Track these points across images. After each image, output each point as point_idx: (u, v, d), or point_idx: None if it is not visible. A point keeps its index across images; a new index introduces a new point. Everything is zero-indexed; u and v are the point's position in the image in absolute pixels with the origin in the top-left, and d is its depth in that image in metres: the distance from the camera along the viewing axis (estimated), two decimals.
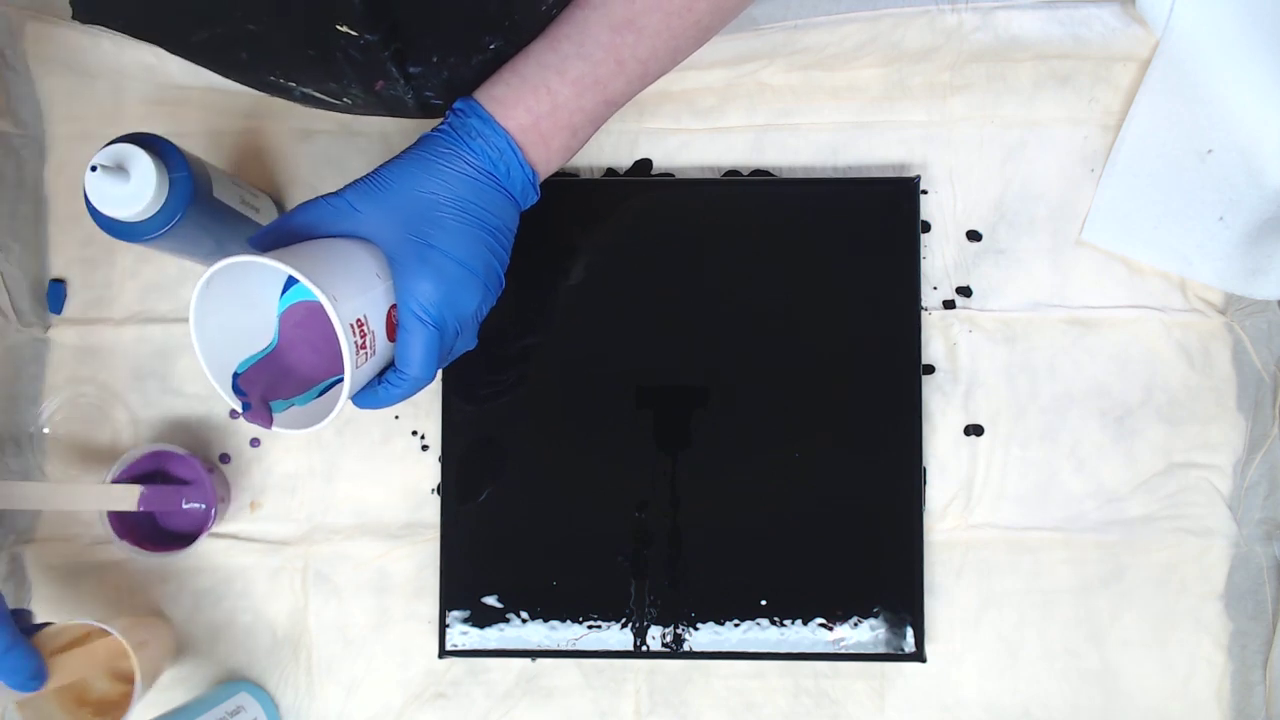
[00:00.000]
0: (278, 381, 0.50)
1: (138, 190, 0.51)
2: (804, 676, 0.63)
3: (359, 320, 0.46)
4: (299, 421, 0.49)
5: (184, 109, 0.65)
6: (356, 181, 0.50)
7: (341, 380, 0.50)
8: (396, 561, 0.64)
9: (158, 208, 0.52)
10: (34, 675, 0.52)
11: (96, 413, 0.64)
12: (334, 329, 0.45)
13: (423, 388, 0.50)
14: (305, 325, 0.50)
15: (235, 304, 0.48)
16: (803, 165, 0.65)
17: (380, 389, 0.50)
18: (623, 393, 0.62)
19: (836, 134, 0.65)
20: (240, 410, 0.48)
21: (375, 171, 0.50)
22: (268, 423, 0.48)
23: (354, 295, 0.46)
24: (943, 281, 0.64)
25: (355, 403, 0.50)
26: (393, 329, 0.49)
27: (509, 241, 0.52)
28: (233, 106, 0.65)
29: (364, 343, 0.46)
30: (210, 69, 0.54)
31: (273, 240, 0.50)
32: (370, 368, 0.48)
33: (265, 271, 0.48)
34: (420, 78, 0.52)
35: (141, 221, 0.52)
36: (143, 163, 0.51)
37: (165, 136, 0.55)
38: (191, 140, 0.64)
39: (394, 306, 0.49)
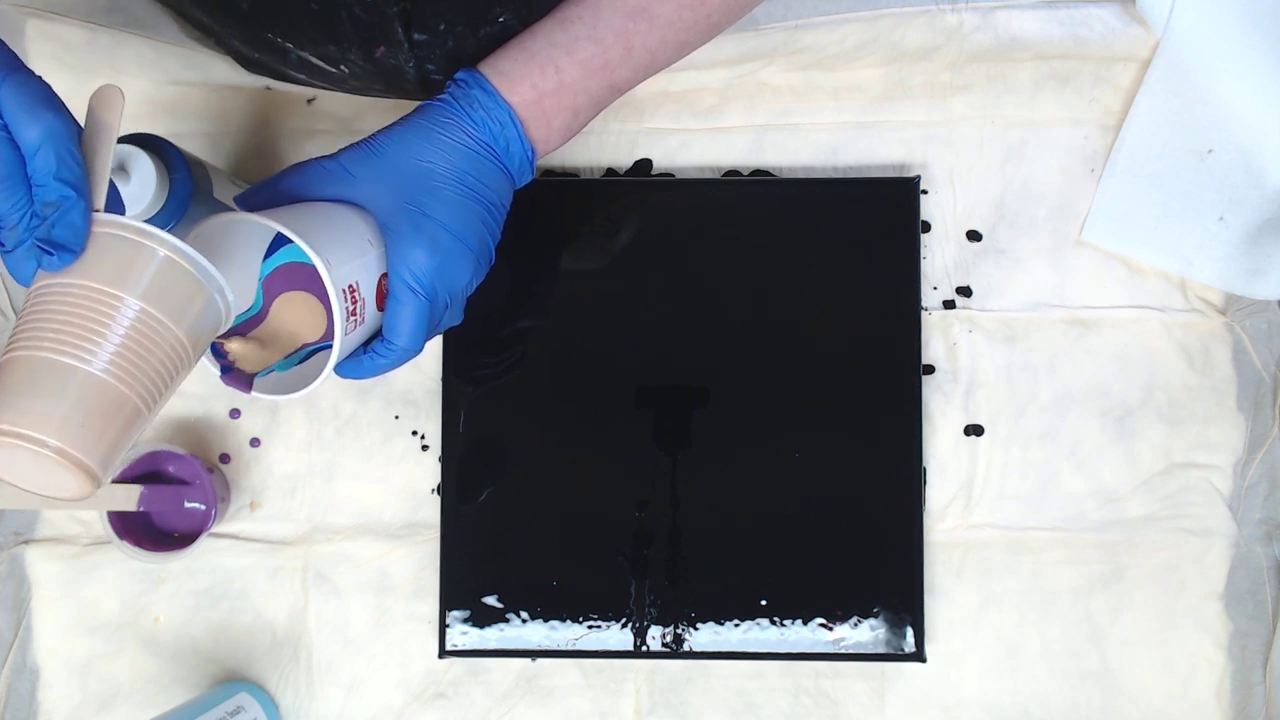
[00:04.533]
0: None
1: (138, 191, 0.51)
2: (804, 676, 0.63)
3: (351, 286, 0.45)
4: (278, 388, 0.48)
5: (184, 109, 0.64)
6: (352, 145, 0.49)
7: (324, 348, 0.49)
8: (396, 561, 0.64)
9: (158, 208, 0.52)
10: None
11: None
12: (325, 294, 0.43)
13: (408, 360, 0.49)
14: (289, 290, 0.49)
15: (218, 265, 0.45)
16: (803, 165, 0.65)
17: (365, 359, 0.49)
18: (623, 392, 0.62)
19: (836, 134, 0.65)
20: (219, 373, 0.47)
21: (372, 137, 0.49)
22: (246, 387, 0.47)
23: (346, 260, 0.45)
24: (943, 281, 0.64)
25: (338, 372, 0.48)
26: (382, 298, 0.48)
27: (503, 218, 0.51)
28: (232, 106, 0.65)
29: (355, 310, 0.45)
30: (208, 18, 0.53)
31: (261, 200, 0.49)
32: (357, 336, 0.47)
33: (251, 232, 0.47)
34: (424, 46, 0.51)
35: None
36: (143, 163, 0.51)
37: (165, 136, 0.55)
38: (191, 140, 0.64)
39: (384, 275, 0.48)
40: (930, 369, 0.64)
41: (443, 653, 0.62)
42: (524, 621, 0.62)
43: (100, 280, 0.38)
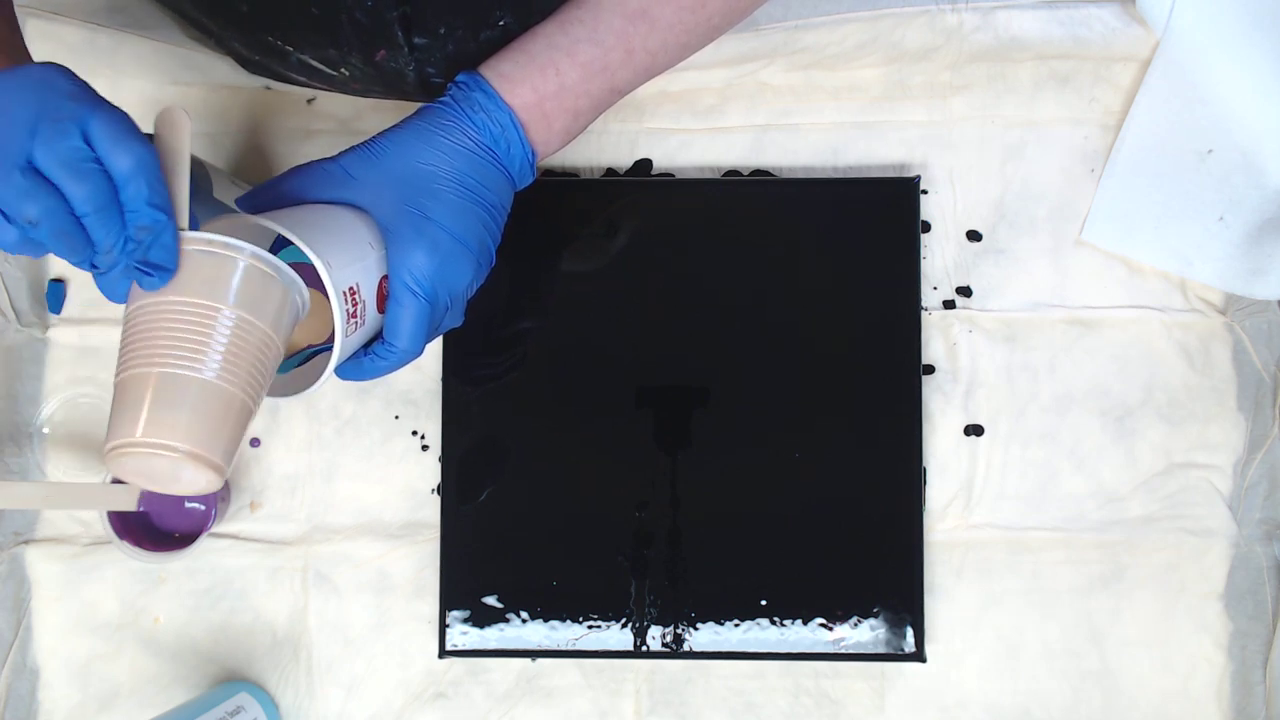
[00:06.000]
0: None
1: None
2: (804, 676, 0.63)
3: (351, 288, 0.45)
4: (278, 389, 0.48)
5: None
6: (353, 148, 0.49)
7: (324, 349, 0.49)
8: (396, 561, 0.64)
9: None
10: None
11: (96, 412, 0.64)
12: (326, 296, 0.44)
13: (408, 362, 0.50)
14: None
15: None
16: (803, 165, 0.65)
17: (366, 361, 0.49)
18: (623, 392, 0.62)
19: (836, 134, 0.65)
20: None
21: (373, 139, 0.49)
22: None
23: (347, 263, 0.45)
24: (943, 281, 0.64)
25: (338, 374, 0.49)
26: (382, 300, 0.48)
27: (503, 220, 0.52)
28: (232, 106, 0.65)
29: (355, 312, 0.45)
30: (208, 20, 0.54)
31: (262, 202, 0.49)
32: (358, 338, 0.47)
33: (252, 234, 0.47)
34: (424, 50, 0.52)
35: None
36: None
37: None
38: (191, 140, 0.64)
39: (385, 277, 0.48)
40: (930, 369, 0.64)
41: (443, 653, 0.62)
42: (524, 621, 0.62)
43: (196, 294, 0.41)
